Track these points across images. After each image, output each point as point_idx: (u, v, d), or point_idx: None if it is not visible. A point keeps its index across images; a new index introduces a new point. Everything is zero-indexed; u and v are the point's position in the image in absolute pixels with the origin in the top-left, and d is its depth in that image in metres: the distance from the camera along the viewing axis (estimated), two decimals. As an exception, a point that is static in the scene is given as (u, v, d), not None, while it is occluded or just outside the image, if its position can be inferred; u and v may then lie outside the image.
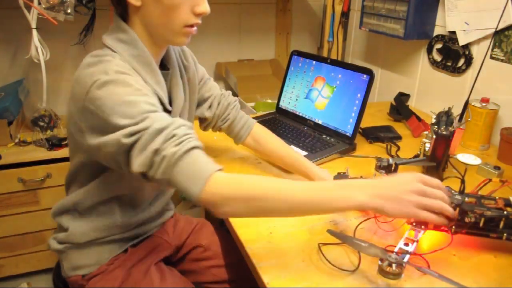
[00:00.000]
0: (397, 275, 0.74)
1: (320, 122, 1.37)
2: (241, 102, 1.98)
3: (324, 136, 1.32)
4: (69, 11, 1.51)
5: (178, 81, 0.95)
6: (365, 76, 1.26)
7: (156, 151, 0.71)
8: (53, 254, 1.65)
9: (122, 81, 0.76)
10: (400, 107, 1.58)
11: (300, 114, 1.43)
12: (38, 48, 1.54)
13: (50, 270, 1.69)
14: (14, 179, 1.53)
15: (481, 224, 0.80)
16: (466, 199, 0.82)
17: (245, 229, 0.90)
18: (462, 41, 1.46)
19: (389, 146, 1.28)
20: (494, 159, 1.27)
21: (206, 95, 1.08)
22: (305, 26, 2.29)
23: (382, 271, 0.75)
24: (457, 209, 0.80)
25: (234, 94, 2.06)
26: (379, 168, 0.92)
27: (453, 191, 0.85)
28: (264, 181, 0.73)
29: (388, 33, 1.63)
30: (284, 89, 1.50)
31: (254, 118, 1.45)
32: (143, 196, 0.98)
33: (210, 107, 1.08)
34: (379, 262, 0.76)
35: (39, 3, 1.48)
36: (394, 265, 0.74)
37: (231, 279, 1.12)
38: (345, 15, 2.00)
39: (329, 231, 0.84)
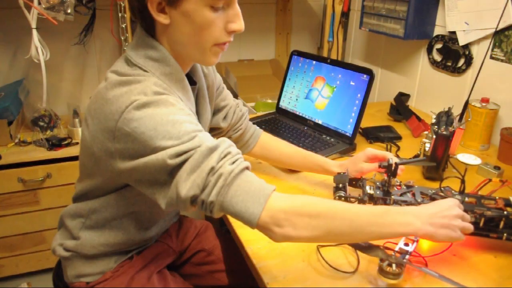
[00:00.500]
0: (397, 275, 0.74)
1: (320, 122, 1.37)
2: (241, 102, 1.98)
3: (324, 136, 1.32)
4: (69, 11, 1.51)
5: (204, 94, 0.92)
6: (365, 76, 1.26)
7: (212, 170, 0.66)
8: (53, 255, 1.65)
9: (164, 101, 0.70)
10: (400, 107, 1.58)
11: (300, 114, 1.43)
12: (38, 48, 1.54)
13: (50, 270, 1.69)
14: (14, 179, 1.53)
15: (481, 224, 0.81)
16: (466, 199, 0.83)
17: (245, 229, 0.89)
18: (462, 41, 1.46)
19: (389, 146, 1.28)
20: (494, 159, 1.27)
21: (222, 104, 1.04)
22: (305, 26, 2.29)
23: (382, 271, 0.75)
24: None
25: (234, 94, 2.07)
26: (379, 167, 0.92)
27: (453, 191, 0.85)
28: (326, 200, 0.71)
29: (388, 33, 1.63)
30: (284, 89, 1.50)
31: (254, 118, 1.46)
32: (160, 213, 0.96)
33: (225, 117, 1.05)
34: (379, 262, 0.76)
35: (39, 3, 1.48)
36: (394, 265, 0.74)
37: (233, 284, 1.12)
38: (345, 15, 2.00)
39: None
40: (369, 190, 0.87)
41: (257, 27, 2.19)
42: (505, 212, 0.80)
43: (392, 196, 0.85)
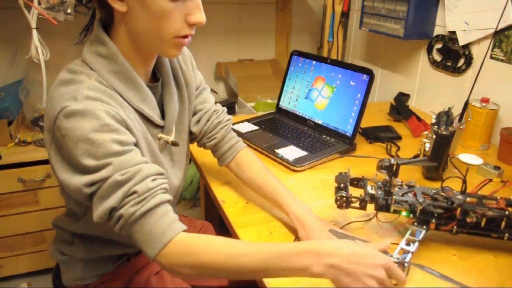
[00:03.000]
0: None
1: (320, 122, 1.37)
2: (241, 102, 1.98)
3: (324, 136, 1.32)
4: (69, 11, 1.51)
5: (171, 91, 0.88)
6: (365, 76, 1.26)
7: (114, 209, 0.68)
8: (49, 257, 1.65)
9: (90, 113, 0.68)
10: (400, 107, 1.58)
11: (300, 114, 1.43)
12: (38, 48, 1.54)
13: (50, 270, 1.68)
14: (14, 179, 1.53)
15: (482, 224, 0.80)
16: (468, 199, 0.82)
17: (245, 229, 0.90)
18: (462, 41, 1.46)
19: (389, 146, 1.28)
20: (494, 159, 1.27)
21: (199, 107, 0.99)
22: (305, 26, 2.29)
23: None
24: (459, 209, 0.80)
25: (234, 94, 2.07)
26: (380, 168, 0.92)
27: (454, 191, 0.85)
28: (220, 248, 0.67)
29: (388, 33, 1.63)
30: (284, 89, 1.50)
31: (254, 118, 1.46)
32: None
33: (198, 122, 0.98)
34: None
35: (39, 3, 1.48)
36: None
37: (232, 285, 1.12)
38: (345, 15, 2.00)
39: (331, 231, 0.84)
40: (370, 190, 0.87)
41: (257, 27, 2.19)
42: (506, 212, 0.79)
43: (394, 196, 0.85)
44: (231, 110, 1.89)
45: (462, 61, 1.49)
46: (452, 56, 1.52)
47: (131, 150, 0.71)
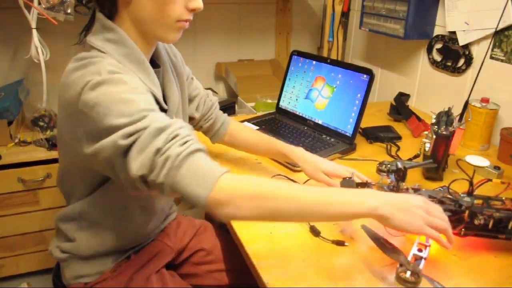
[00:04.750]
0: (415, 284, 0.71)
1: (320, 122, 1.37)
2: (241, 102, 1.98)
3: (324, 136, 1.32)
4: (69, 11, 1.51)
5: (170, 78, 0.93)
6: (365, 76, 1.26)
7: (158, 151, 0.66)
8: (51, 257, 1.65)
9: (117, 79, 0.72)
10: (400, 107, 1.58)
11: (300, 114, 1.43)
12: (38, 48, 1.54)
13: (50, 270, 1.68)
14: (14, 179, 1.53)
15: (490, 226, 0.81)
16: (475, 201, 0.82)
17: (245, 229, 0.90)
18: (462, 41, 1.46)
19: (389, 146, 1.28)
20: (494, 159, 1.27)
21: (193, 93, 1.06)
22: (305, 26, 2.29)
23: (399, 279, 0.72)
24: (467, 211, 0.80)
25: (234, 94, 2.07)
26: (380, 171, 0.91)
27: (461, 194, 0.85)
28: (273, 181, 0.71)
29: (388, 33, 1.63)
30: (284, 89, 1.50)
31: (254, 118, 1.46)
32: (152, 207, 0.96)
33: (197, 107, 1.07)
34: (398, 267, 0.73)
35: (39, 3, 1.48)
36: (408, 272, 0.71)
37: (232, 284, 1.12)
38: (345, 15, 2.00)
39: (363, 227, 0.84)
40: None
41: (257, 27, 2.19)
42: None
43: None
44: (231, 110, 1.89)
45: (462, 61, 1.49)
46: (452, 56, 1.52)
47: (159, 111, 0.73)
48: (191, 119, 1.07)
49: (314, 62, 1.42)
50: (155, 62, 0.92)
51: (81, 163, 0.82)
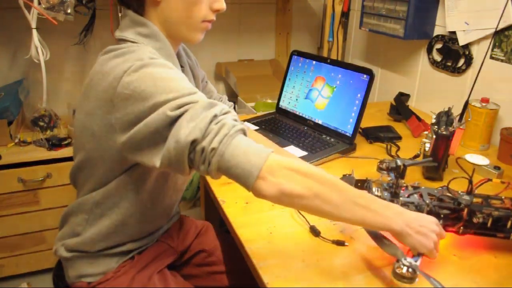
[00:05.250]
0: (411, 280, 0.71)
1: (320, 122, 1.37)
2: (241, 102, 1.98)
3: (324, 136, 1.32)
4: (69, 11, 1.51)
5: (191, 79, 0.96)
6: (365, 76, 1.26)
7: (215, 117, 0.66)
8: (54, 256, 1.65)
9: (160, 63, 0.73)
10: (400, 107, 1.58)
11: (300, 114, 1.43)
12: (38, 48, 1.54)
13: (50, 270, 1.69)
14: (14, 179, 1.53)
15: (489, 224, 0.81)
16: (474, 199, 0.83)
17: (245, 229, 0.90)
18: (462, 41, 1.46)
19: (389, 146, 1.28)
20: (494, 159, 1.27)
21: (207, 96, 1.07)
22: (305, 26, 2.29)
23: (396, 274, 0.72)
24: (466, 209, 0.80)
25: (234, 94, 2.07)
26: (380, 169, 0.91)
27: (460, 192, 0.85)
28: (323, 170, 0.72)
29: (388, 33, 1.63)
30: (284, 89, 1.50)
31: (254, 118, 1.46)
32: (161, 202, 0.96)
33: None
34: (395, 263, 0.73)
35: (39, 3, 1.48)
36: (405, 268, 0.71)
37: (232, 285, 1.12)
38: (345, 15, 2.00)
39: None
40: (376, 191, 0.87)
41: (257, 27, 2.19)
42: None
43: (400, 198, 0.85)
44: (231, 110, 1.89)
45: (462, 61, 1.49)
46: (452, 56, 1.52)
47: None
48: None
49: (314, 62, 1.42)
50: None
51: (107, 153, 0.80)
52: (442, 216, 0.82)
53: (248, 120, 1.43)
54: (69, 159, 1.57)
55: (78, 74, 1.89)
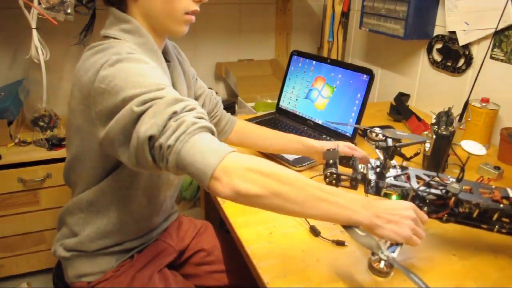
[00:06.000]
0: (386, 274, 0.70)
1: (320, 122, 1.37)
2: (241, 102, 1.98)
3: (324, 136, 1.32)
4: (69, 11, 1.51)
5: (180, 73, 0.96)
6: (365, 76, 1.26)
7: (174, 113, 0.65)
8: (52, 255, 1.65)
9: (137, 58, 0.74)
10: (400, 107, 1.58)
11: (300, 114, 1.43)
12: (38, 48, 1.54)
13: (50, 270, 1.69)
14: (14, 179, 1.53)
15: (474, 215, 0.78)
16: (464, 186, 0.79)
17: (245, 229, 0.90)
18: (462, 41, 1.46)
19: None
20: (494, 159, 1.27)
21: (199, 92, 1.08)
22: (305, 26, 2.29)
23: (371, 268, 0.71)
24: (453, 198, 0.77)
25: (234, 94, 2.07)
26: (376, 148, 0.87)
27: (450, 178, 0.82)
28: (282, 166, 0.69)
29: (388, 33, 1.63)
30: (284, 89, 1.50)
31: (254, 118, 1.46)
32: (157, 199, 0.96)
33: (203, 105, 1.09)
34: (370, 256, 0.72)
35: (39, 3, 1.47)
36: (382, 262, 0.69)
37: (232, 284, 1.12)
38: (345, 15, 2.00)
39: None
40: (361, 169, 0.82)
41: (257, 27, 2.19)
42: (501, 205, 0.76)
43: (386, 180, 0.80)
44: (231, 110, 1.89)
45: (462, 61, 1.49)
46: (452, 56, 1.52)
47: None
48: None
49: (314, 62, 1.42)
50: (165, 58, 0.94)
51: (92, 148, 0.82)
52: (427, 201, 0.78)
53: (248, 120, 1.43)
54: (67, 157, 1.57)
55: (78, 74, 1.88)
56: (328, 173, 0.81)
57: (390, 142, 0.82)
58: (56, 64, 1.82)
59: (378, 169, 0.83)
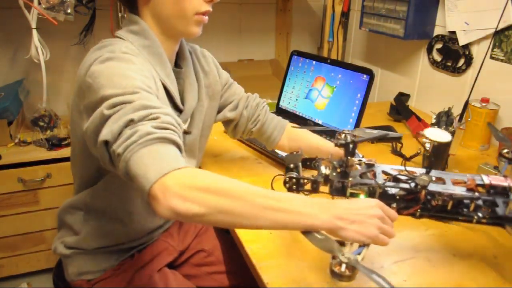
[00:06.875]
0: (348, 278, 0.64)
1: (320, 122, 1.37)
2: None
3: (324, 136, 1.31)
4: (69, 11, 1.51)
5: (192, 83, 0.94)
6: (365, 76, 1.26)
7: (131, 122, 0.64)
8: (53, 254, 1.64)
9: (127, 58, 0.75)
10: (400, 107, 1.58)
11: (300, 114, 1.43)
12: (38, 48, 1.54)
13: (50, 270, 1.69)
14: (14, 179, 1.53)
15: (449, 207, 0.73)
16: (433, 178, 0.75)
17: (245, 229, 0.89)
18: (462, 41, 1.46)
19: (394, 145, 1.27)
20: (494, 159, 1.27)
21: (231, 98, 1.06)
22: (305, 26, 2.29)
23: (333, 272, 0.64)
24: (423, 191, 0.72)
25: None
26: (336, 145, 0.83)
27: (419, 171, 0.77)
28: (233, 180, 0.65)
29: (388, 33, 1.63)
30: (284, 89, 1.50)
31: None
32: None
33: (235, 108, 1.06)
34: (331, 260, 0.65)
35: (39, 3, 1.47)
36: (344, 265, 0.63)
37: (232, 285, 1.12)
38: (345, 15, 2.00)
39: None
40: (324, 170, 0.76)
41: (257, 27, 2.19)
42: (476, 194, 0.72)
43: (350, 178, 0.75)
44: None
45: (462, 61, 1.49)
46: (452, 56, 1.52)
47: (155, 96, 0.72)
48: (229, 123, 1.08)
49: (314, 62, 1.41)
50: (179, 64, 0.95)
51: (84, 144, 0.80)
52: (397, 198, 0.74)
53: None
54: (69, 159, 1.57)
55: (78, 74, 1.88)
56: (287, 178, 0.75)
57: (348, 138, 0.76)
58: (56, 64, 1.82)
59: (341, 169, 0.77)
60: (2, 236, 1.60)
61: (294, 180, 0.75)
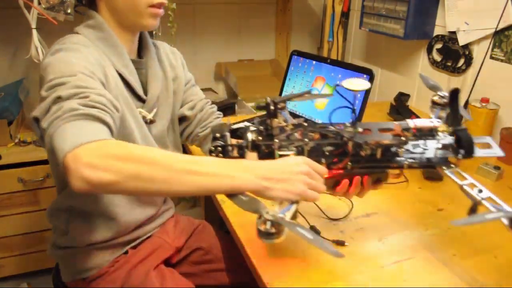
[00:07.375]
0: (277, 234, 0.62)
1: (320, 122, 1.37)
2: (241, 102, 1.98)
3: (324, 136, 1.32)
4: (69, 11, 1.51)
5: (156, 73, 0.97)
6: (365, 76, 1.26)
7: (58, 99, 0.65)
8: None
9: (75, 48, 0.78)
10: (400, 107, 1.58)
11: (300, 114, 1.43)
12: (38, 48, 1.54)
13: (50, 270, 1.68)
14: (14, 179, 1.53)
15: (378, 156, 0.72)
16: (360, 129, 0.75)
17: (245, 229, 0.90)
18: (462, 41, 1.46)
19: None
20: (494, 159, 1.27)
21: (190, 98, 1.08)
22: (305, 26, 2.29)
23: (260, 233, 0.62)
24: (350, 143, 0.72)
25: (234, 94, 2.07)
26: (256, 109, 0.80)
27: (346, 123, 0.77)
28: (150, 147, 0.66)
29: (388, 33, 1.63)
30: (284, 89, 1.50)
31: (254, 118, 1.46)
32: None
33: (192, 108, 1.07)
34: (256, 220, 0.63)
35: (39, 3, 1.47)
36: (269, 223, 0.62)
37: (231, 283, 1.12)
38: (345, 15, 2.00)
39: None
40: (250, 136, 0.74)
41: (257, 27, 2.19)
42: (403, 138, 0.71)
43: (275, 140, 0.73)
44: (231, 110, 1.89)
45: (462, 61, 1.49)
46: (452, 56, 1.52)
47: (98, 81, 0.74)
48: (183, 120, 1.08)
49: (314, 62, 1.42)
50: (140, 56, 0.98)
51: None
52: (327, 154, 0.73)
53: (248, 120, 1.43)
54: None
55: (78, 74, 1.88)
56: (213, 148, 0.73)
57: (268, 99, 0.74)
58: (56, 64, 1.82)
59: (265, 132, 0.75)
60: (2, 236, 1.60)
61: (219, 148, 0.73)
